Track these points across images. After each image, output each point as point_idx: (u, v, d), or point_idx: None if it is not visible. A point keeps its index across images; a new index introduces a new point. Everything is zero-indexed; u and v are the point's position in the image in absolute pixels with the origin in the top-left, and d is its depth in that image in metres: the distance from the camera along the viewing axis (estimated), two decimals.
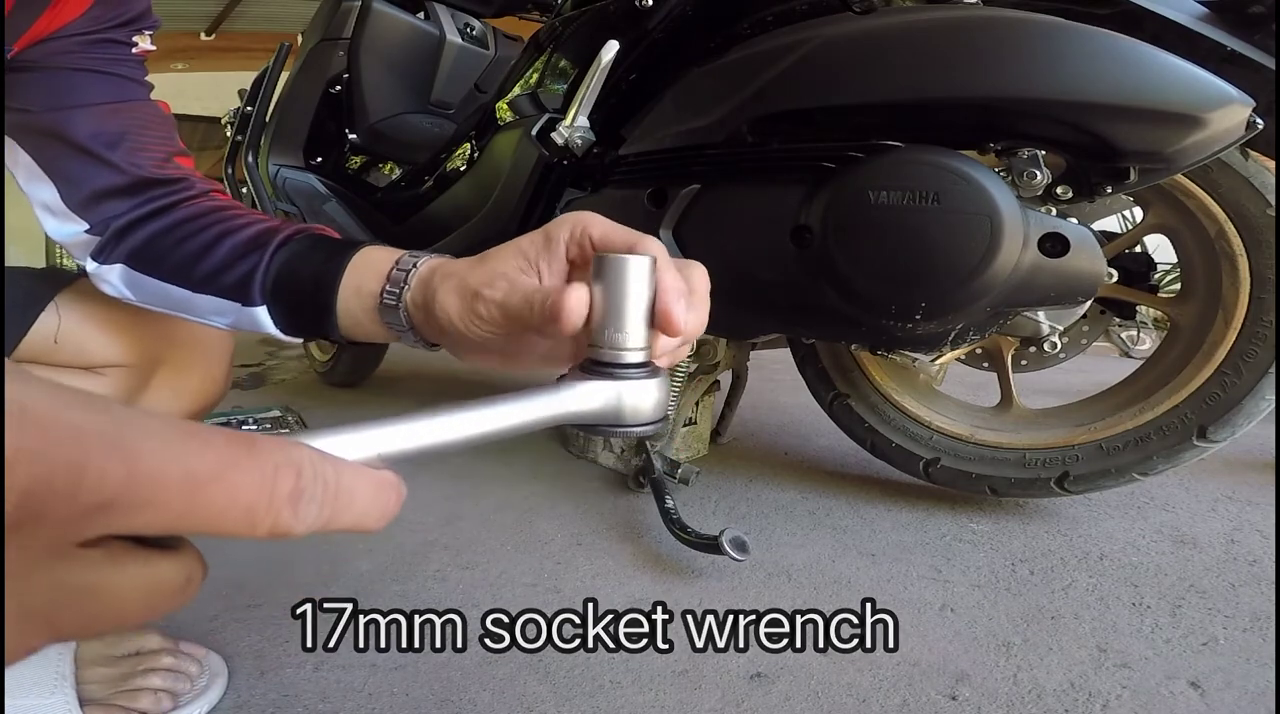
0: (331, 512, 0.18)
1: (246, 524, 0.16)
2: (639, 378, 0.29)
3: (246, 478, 0.16)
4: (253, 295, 0.51)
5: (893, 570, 0.84)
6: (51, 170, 0.60)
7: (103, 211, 0.60)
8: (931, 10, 0.72)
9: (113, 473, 0.14)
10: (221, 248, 0.54)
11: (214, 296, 0.54)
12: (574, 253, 0.36)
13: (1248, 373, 0.83)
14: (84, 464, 0.13)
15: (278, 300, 0.51)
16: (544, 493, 1.09)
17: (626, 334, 0.28)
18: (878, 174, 0.71)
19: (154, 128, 0.63)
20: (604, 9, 0.97)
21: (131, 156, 0.62)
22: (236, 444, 0.16)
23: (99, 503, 0.14)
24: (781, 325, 0.92)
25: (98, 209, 0.60)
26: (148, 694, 0.55)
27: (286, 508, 0.17)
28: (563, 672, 0.63)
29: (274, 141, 1.58)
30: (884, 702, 0.60)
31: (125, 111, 0.63)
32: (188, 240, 0.56)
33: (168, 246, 0.58)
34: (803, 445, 1.38)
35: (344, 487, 0.18)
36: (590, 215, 0.36)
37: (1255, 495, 1.11)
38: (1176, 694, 0.61)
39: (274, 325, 0.51)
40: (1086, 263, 0.70)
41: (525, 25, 1.62)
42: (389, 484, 0.20)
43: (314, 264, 0.49)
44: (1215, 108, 0.62)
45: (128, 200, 0.61)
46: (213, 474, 0.15)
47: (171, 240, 0.58)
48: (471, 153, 1.36)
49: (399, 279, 0.42)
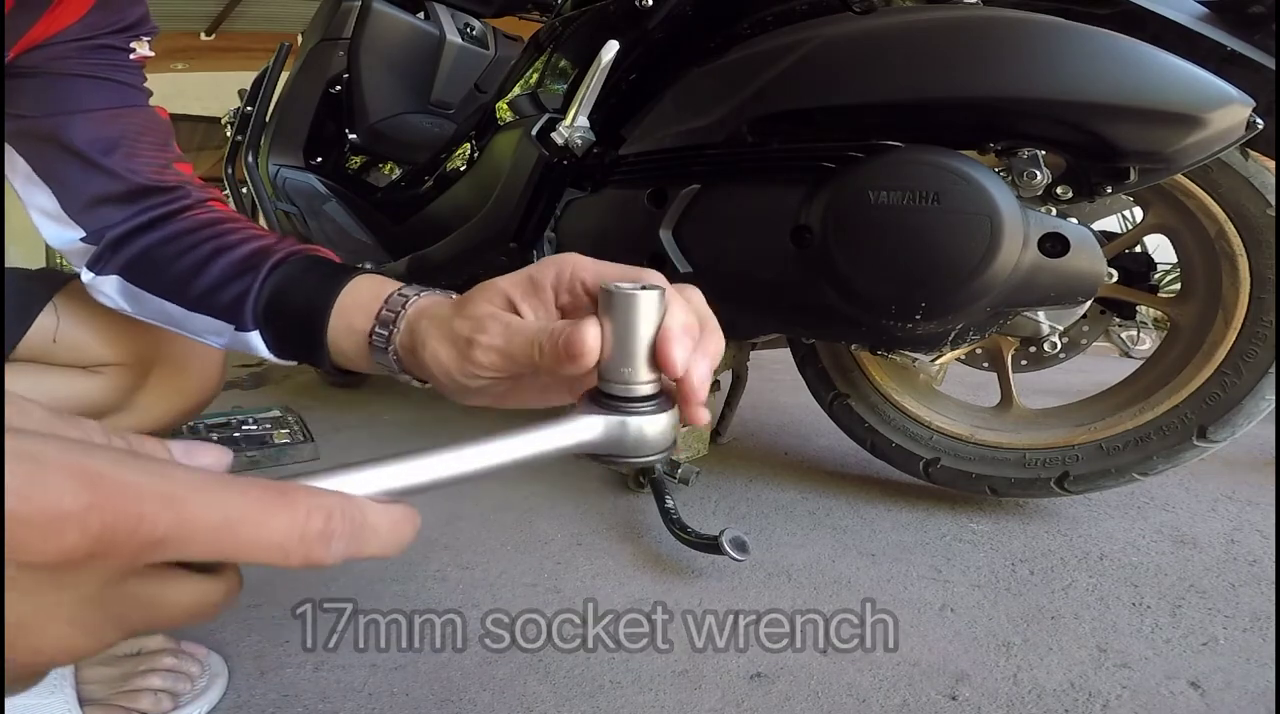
0: (357, 546, 0.23)
1: (280, 556, 0.21)
2: (650, 412, 0.29)
3: (277, 520, 0.21)
4: (245, 319, 0.51)
5: (893, 570, 0.84)
6: (49, 176, 0.60)
7: (100, 218, 0.60)
8: (931, 10, 0.72)
9: (164, 519, 0.19)
10: (215, 266, 0.53)
11: (208, 317, 0.54)
12: (565, 300, 0.35)
13: (1248, 373, 0.83)
14: (141, 514, 0.19)
15: (269, 326, 0.50)
16: (544, 493, 1.09)
17: (636, 369, 0.28)
18: (878, 174, 0.71)
19: (152, 134, 0.62)
20: (604, 9, 0.97)
21: (129, 163, 0.62)
22: (270, 492, 0.21)
23: (153, 541, 0.19)
24: (781, 325, 0.92)
25: (95, 215, 0.60)
26: (147, 694, 0.55)
27: (318, 545, 0.21)
28: (563, 672, 0.63)
29: (274, 141, 1.58)
30: (884, 702, 0.60)
31: (124, 117, 0.63)
32: (183, 256, 0.56)
33: (163, 260, 0.58)
34: (803, 445, 1.38)
35: (368, 524, 0.23)
36: (575, 257, 0.35)
37: (1255, 495, 1.11)
38: (1176, 694, 0.61)
39: (267, 350, 0.51)
40: (1086, 263, 0.70)
41: (525, 25, 1.62)
42: (406, 518, 0.24)
43: (305, 293, 0.48)
44: (1215, 108, 0.62)
45: (125, 208, 0.61)
46: (245, 518, 0.20)
47: (167, 254, 0.58)
48: (471, 153, 1.36)
49: (387, 321, 0.41)
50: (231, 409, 1.50)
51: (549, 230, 1.05)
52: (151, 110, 0.64)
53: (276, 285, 0.49)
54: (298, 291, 0.48)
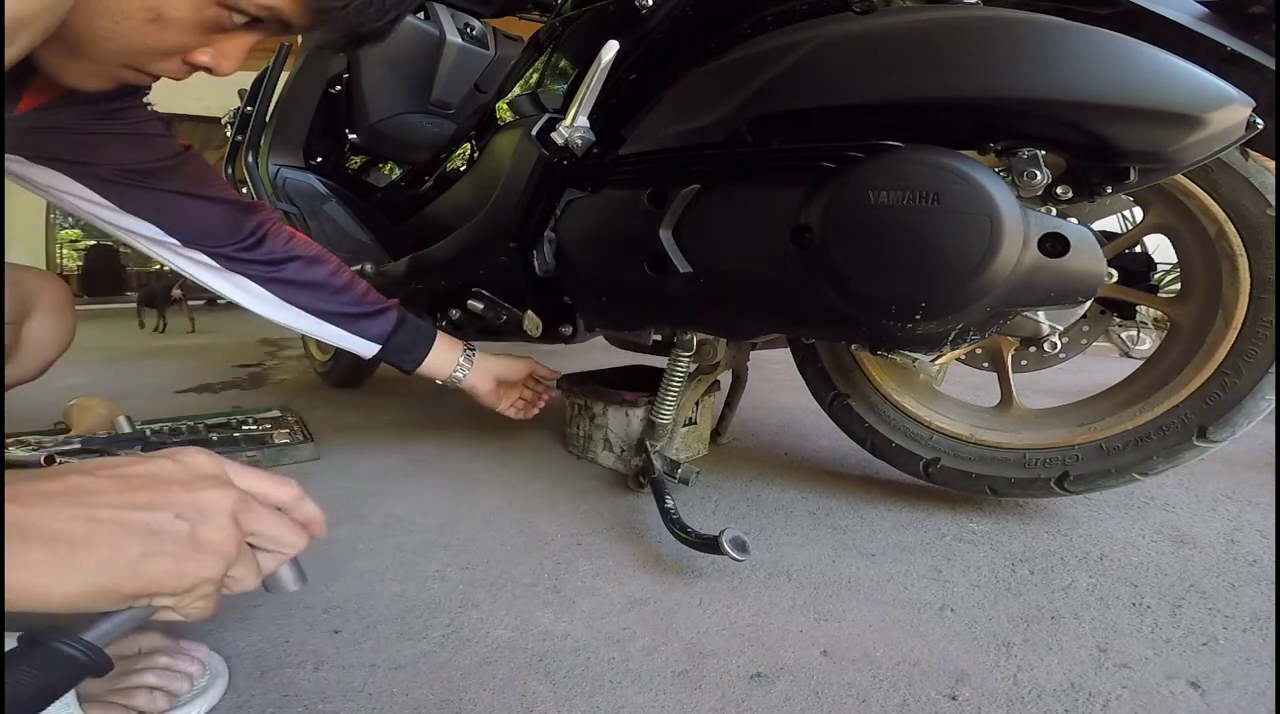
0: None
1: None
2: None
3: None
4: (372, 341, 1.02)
5: (893, 570, 0.84)
6: (153, 216, 0.82)
7: (214, 240, 0.86)
8: (931, 10, 0.72)
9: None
10: (343, 297, 0.98)
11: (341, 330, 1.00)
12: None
13: (1248, 373, 0.83)
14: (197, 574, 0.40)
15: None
16: (544, 493, 1.09)
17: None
18: (878, 174, 0.71)
19: (203, 162, 0.86)
20: (604, 9, 0.97)
21: (223, 191, 0.87)
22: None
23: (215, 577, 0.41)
24: (781, 325, 0.92)
25: (209, 238, 0.86)
26: (143, 692, 0.55)
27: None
28: (563, 672, 0.63)
29: (274, 141, 1.59)
30: (884, 702, 0.60)
31: (192, 156, 0.85)
32: (308, 280, 0.94)
33: (290, 277, 0.92)
34: (803, 445, 1.38)
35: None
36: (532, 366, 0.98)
37: (1255, 495, 1.11)
38: (1176, 694, 0.61)
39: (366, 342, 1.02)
40: (1086, 263, 0.70)
41: (525, 25, 1.62)
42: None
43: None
44: (1215, 108, 0.62)
45: (233, 230, 0.87)
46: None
47: (293, 269, 0.92)
48: (471, 153, 1.36)
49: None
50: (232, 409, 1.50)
51: (549, 230, 1.05)
52: (194, 151, 0.87)
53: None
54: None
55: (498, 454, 1.29)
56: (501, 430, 1.43)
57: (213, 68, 0.57)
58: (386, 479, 1.16)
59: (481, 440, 1.38)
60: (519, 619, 0.72)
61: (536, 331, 1.11)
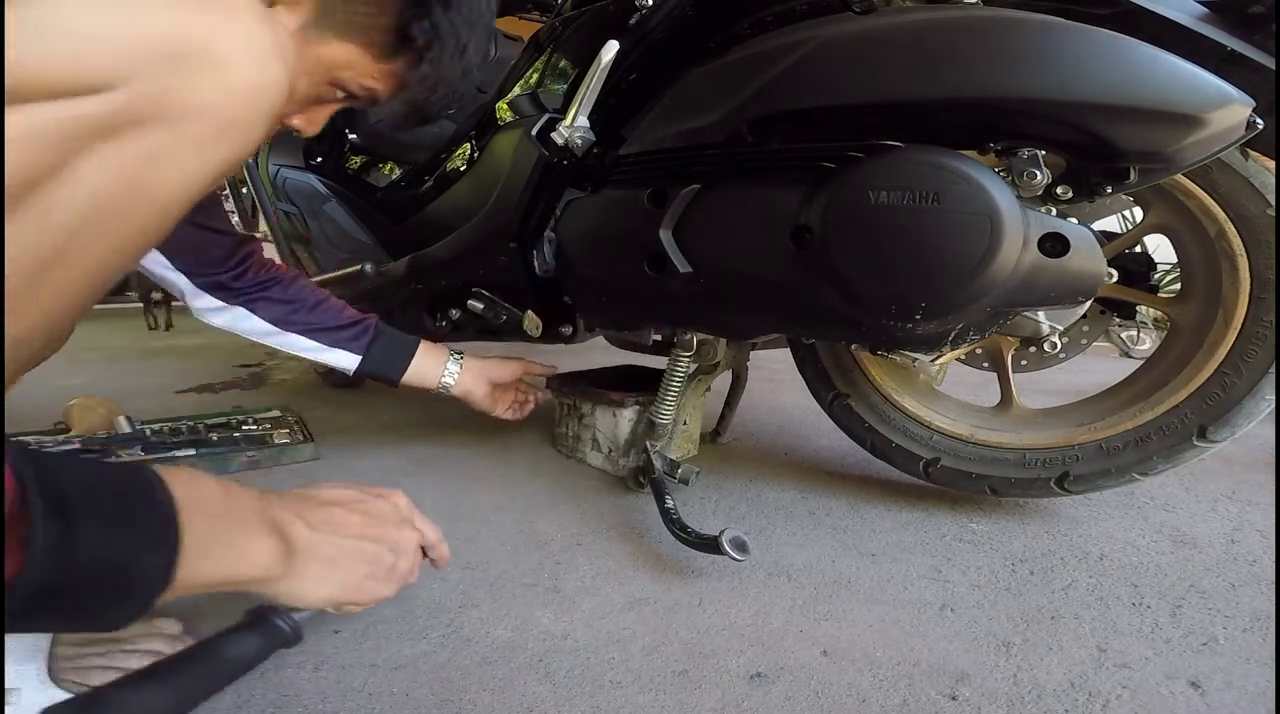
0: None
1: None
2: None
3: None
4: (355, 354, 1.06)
5: (893, 570, 0.84)
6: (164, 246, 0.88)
7: (210, 268, 0.94)
8: (931, 10, 0.72)
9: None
10: (328, 320, 1.04)
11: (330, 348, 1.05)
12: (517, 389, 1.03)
13: (1248, 373, 0.83)
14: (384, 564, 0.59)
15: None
16: (544, 493, 1.09)
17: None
18: (878, 174, 0.71)
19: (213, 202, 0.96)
20: (604, 9, 0.97)
21: (221, 223, 0.95)
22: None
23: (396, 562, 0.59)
24: (781, 325, 0.92)
25: (207, 266, 0.93)
26: (97, 672, 0.56)
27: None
28: (563, 672, 0.63)
29: (274, 141, 1.58)
30: (884, 702, 0.60)
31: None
32: (302, 305, 1.02)
33: (281, 303, 1.00)
34: (803, 445, 1.38)
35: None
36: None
37: (1255, 495, 1.11)
38: (1176, 694, 0.61)
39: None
40: (1086, 263, 0.70)
41: (525, 25, 1.62)
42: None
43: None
44: (1215, 108, 0.62)
45: (228, 259, 0.95)
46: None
47: (287, 297, 1.00)
48: (471, 153, 1.36)
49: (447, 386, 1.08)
50: (232, 409, 1.50)
51: (549, 230, 1.05)
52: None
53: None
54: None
55: (497, 454, 1.29)
56: (501, 430, 1.43)
57: (301, 131, 0.65)
58: (386, 479, 1.16)
59: (481, 440, 1.38)
60: (519, 619, 0.72)
61: (536, 332, 1.11)
